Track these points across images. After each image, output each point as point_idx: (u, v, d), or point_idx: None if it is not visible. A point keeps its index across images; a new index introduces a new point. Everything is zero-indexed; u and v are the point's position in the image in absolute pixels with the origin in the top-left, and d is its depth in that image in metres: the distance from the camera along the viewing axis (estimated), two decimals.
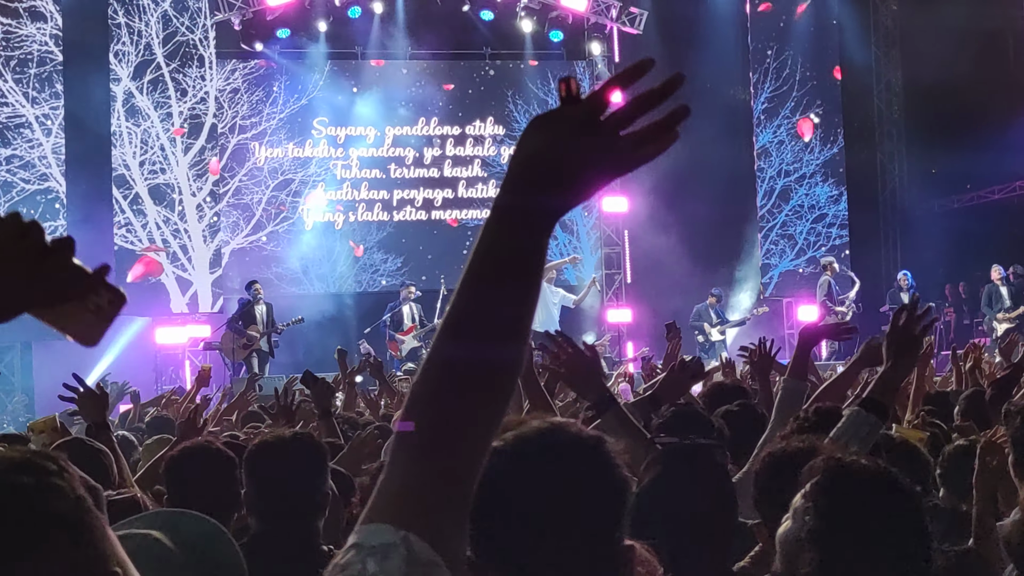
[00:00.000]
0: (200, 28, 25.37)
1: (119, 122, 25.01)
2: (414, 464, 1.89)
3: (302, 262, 27.17)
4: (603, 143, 2.00)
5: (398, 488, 1.88)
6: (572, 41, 28.64)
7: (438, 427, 1.90)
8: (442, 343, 1.94)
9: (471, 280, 2.01)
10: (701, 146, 26.85)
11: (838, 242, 28.37)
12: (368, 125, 27.61)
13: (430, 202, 27.92)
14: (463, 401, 1.91)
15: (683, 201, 27.19)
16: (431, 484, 1.88)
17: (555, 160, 2.08)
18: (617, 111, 1.98)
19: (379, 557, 1.80)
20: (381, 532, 1.84)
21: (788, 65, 28.48)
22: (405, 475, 1.89)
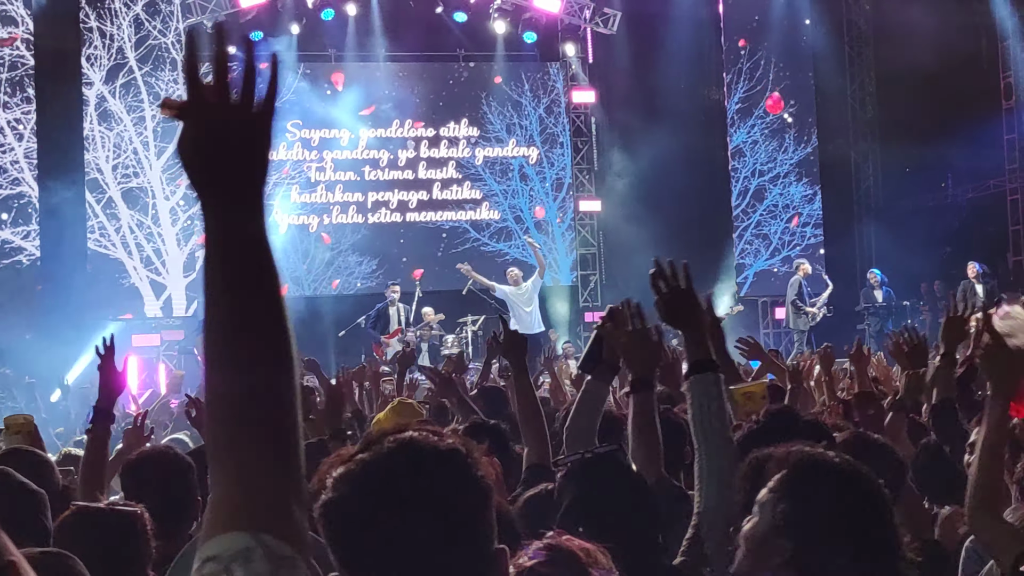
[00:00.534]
0: (172, 31, 25.30)
1: (92, 126, 24.92)
2: (240, 473, 1.92)
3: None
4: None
5: (234, 497, 1.91)
6: (546, 42, 28.62)
7: (244, 438, 1.94)
8: (215, 372, 1.99)
9: (212, 289, 2.06)
10: (675, 146, 26.93)
11: (812, 241, 28.42)
12: (342, 127, 27.56)
13: (405, 204, 27.88)
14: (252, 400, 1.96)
15: (658, 201, 27.20)
16: (264, 486, 1.91)
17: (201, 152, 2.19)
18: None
19: (242, 561, 1.83)
20: (235, 539, 1.86)
21: (761, 65, 28.51)
22: (236, 484, 1.92)
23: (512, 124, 28.55)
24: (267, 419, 1.95)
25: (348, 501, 2.22)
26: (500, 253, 28.05)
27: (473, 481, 2.30)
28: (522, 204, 28.51)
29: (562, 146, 28.83)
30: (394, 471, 2.26)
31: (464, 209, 28.18)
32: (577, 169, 28.83)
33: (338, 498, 2.22)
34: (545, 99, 28.75)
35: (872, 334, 25.10)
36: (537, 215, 28.30)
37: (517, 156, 28.57)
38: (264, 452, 1.93)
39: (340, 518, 2.23)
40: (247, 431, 1.94)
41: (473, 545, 2.28)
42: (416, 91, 28.25)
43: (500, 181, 28.46)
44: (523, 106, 28.64)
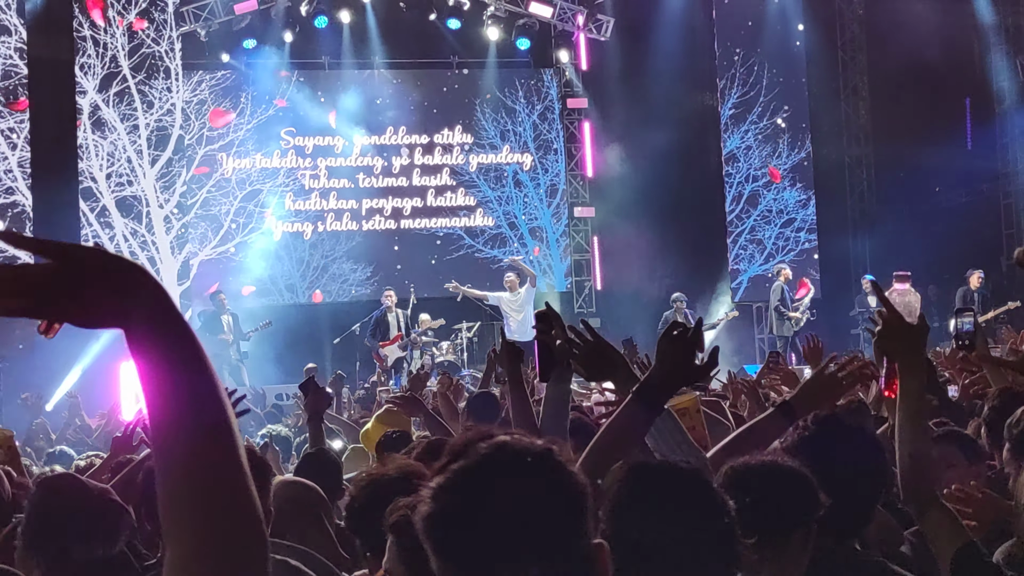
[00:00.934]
0: (166, 40, 25.31)
1: (85, 135, 24.92)
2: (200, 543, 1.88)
3: (271, 273, 27.12)
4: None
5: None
6: (539, 48, 28.63)
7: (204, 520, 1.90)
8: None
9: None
10: (669, 151, 26.95)
11: (807, 246, 28.46)
12: (336, 135, 27.58)
13: (399, 211, 27.89)
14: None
15: (652, 207, 27.22)
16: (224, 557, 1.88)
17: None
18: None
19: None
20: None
21: (755, 70, 28.54)
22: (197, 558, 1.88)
23: (506, 131, 28.57)
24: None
25: (452, 510, 2.25)
26: (494, 260, 28.06)
27: (569, 479, 2.33)
28: (516, 210, 28.53)
29: (556, 152, 28.85)
30: (494, 475, 2.29)
31: (458, 216, 28.19)
32: (571, 175, 28.85)
33: (441, 509, 2.25)
34: (539, 105, 28.77)
35: (867, 339, 25.11)
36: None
37: (511, 163, 28.59)
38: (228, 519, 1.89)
39: (445, 528, 2.26)
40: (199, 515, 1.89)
41: (575, 541, 2.31)
42: (410, 98, 28.27)
43: (494, 188, 28.48)
44: (517, 112, 28.66)
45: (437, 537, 2.27)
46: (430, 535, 2.28)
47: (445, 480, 2.29)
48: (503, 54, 28.39)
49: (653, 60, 27.93)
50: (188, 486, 1.89)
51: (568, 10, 28.14)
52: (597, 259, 28.74)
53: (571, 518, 2.33)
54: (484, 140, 28.47)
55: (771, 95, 28.60)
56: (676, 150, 27.42)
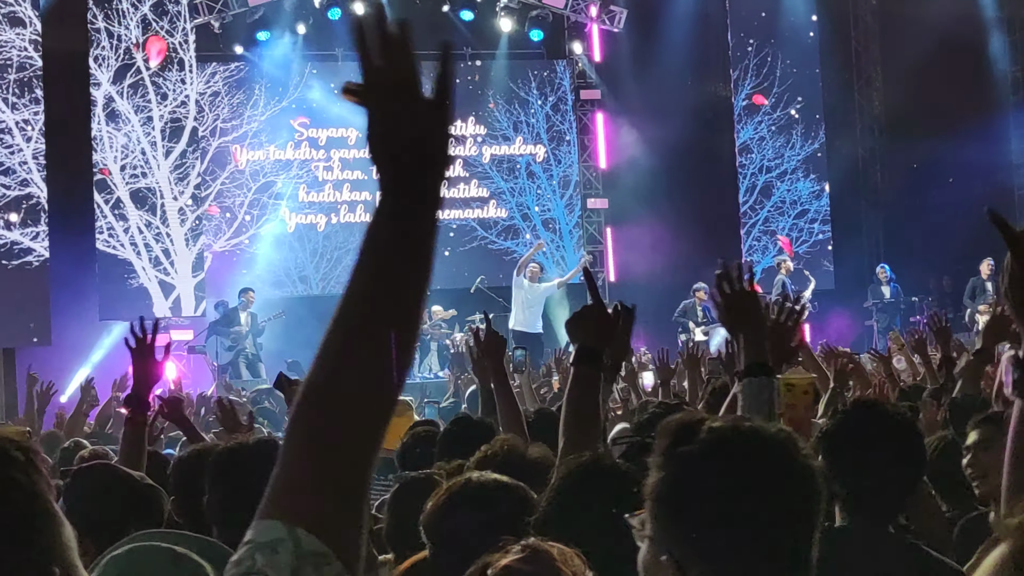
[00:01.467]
0: (180, 32, 25.32)
1: (100, 127, 24.96)
2: (302, 459, 1.94)
3: (284, 264, 27.15)
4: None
5: (287, 483, 1.93)
6: (552, 39, 28.63)
7: (325, 422, 1.95)
8: (335, 335, 2.07)
9: (362, 271, 2.11)
10: (682, 143, 26.96)
11: (820, 237, 28.42)
12: (349, 126, 27.56)
13: None
14: (350, 397, 1.96)
15: (665, 198, 27.24)
16: (319, 478, 1.92)
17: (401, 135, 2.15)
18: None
19: (268, 552, 1.85)
20: (271, 528, 1.88)
21: (768, 61, 28.49)
22: (294, 469, 1.93)
23: (519, 122, 28.58)
24: (358, 417, 1.96)
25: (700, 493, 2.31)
26: (507, 251, 28.08)
27: (803, 465, 2.38)
28: (529, 202, 28.54)
29: (569, 143, 28.84)
30: (743, 461, 2.34)
31: (471, 207, 28.19)
32: (584, 166, 28.84)
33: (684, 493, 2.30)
34: (552, 97, 28.77)
35: (880, 330, 25.14)
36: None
37: (524, 154, 28.60)
38: (334, 446, 1.93)
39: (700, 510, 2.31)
40: (334, 420, 1.95)
41: (806, 523, 2.37)
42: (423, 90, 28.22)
43: (507, 179, 28.49)
44: (530, 104, 28.66)
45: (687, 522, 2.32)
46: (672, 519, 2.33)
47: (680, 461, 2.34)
48: (516, 45, 28.38)
49: (666, 51, 27.92)
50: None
51: (581, 1, 28.12)
52: (610, 250, 28.73)
53: (806, 501, 2.38)
54: (497, 131, 28.48)
55: (785, 86, 28.54)
56: (689, 141, 27.42)
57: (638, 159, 28.42)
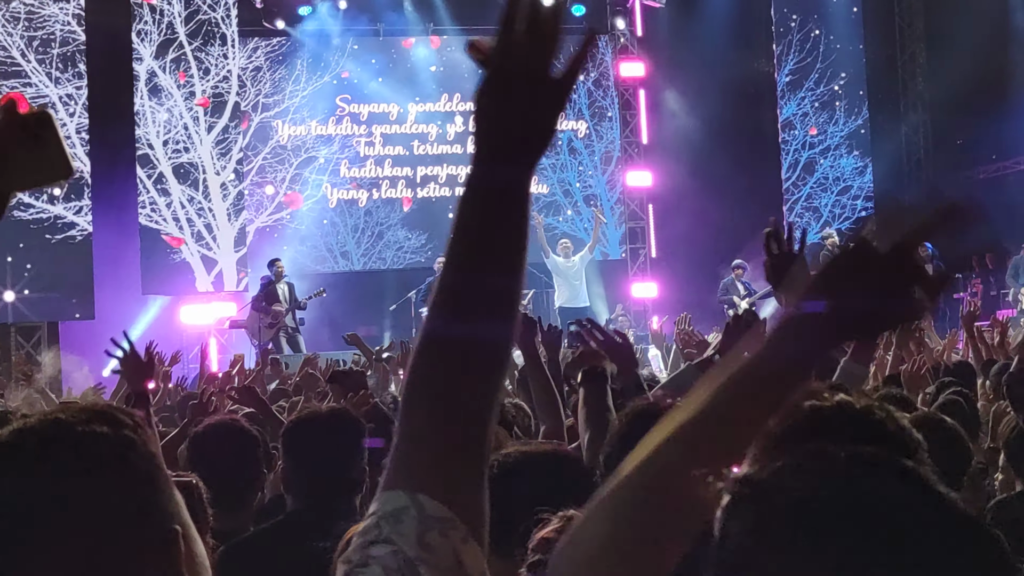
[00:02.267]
0: (222, 6, 25.35)
1: (142, 101, 25.02)
2: (420, 429, 1.95)
3: (326, 240, 27.21)
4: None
5: (407, 454, 1.95)
6: (595, 15, 28.51)
7: (439, 396, 1.96)
8: (438, 316, 2.02)
9: (460, 251, 2.07)
10: (725, 119, 26.87)
11: (863, 214, 28.29)
12: (391, 102, 27.60)
13: (454, 178, 27.90)
14: (461, 371, 1.97)
15: (707, 174, 27.16)
16: (438, 447, 1.93)
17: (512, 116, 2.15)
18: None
19: (392, 521, 1.87)
20: (395, 498, 1.90)
21: (812, 37, 28.34)
22: (412, 440, 1.96)
23: None
24: (477, 371, 1.98)
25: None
26: (549, 227, 28.04)
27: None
28: (570, 178, 28.51)
29: (611, 119, 28.79)
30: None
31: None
32: (626, 142, 28.79)
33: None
34: (594, 72, 28.69)
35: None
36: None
37: (565, 130, 28.55)
38: (454, 408, 1.95)
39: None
40: (451, 381, 1.97)
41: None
42: (464, 65, 28.24)
43: (548, 155, 28.33)
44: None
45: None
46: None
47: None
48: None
49: (709, 26, 27.81)
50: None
51: None
52: (652, 227, 28.68)
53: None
54: None
55: (828, 61, 28.39)
56: (732, 117, 27.35)
57: (680, 135, 28.35)
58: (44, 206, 23.25)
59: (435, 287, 2.05)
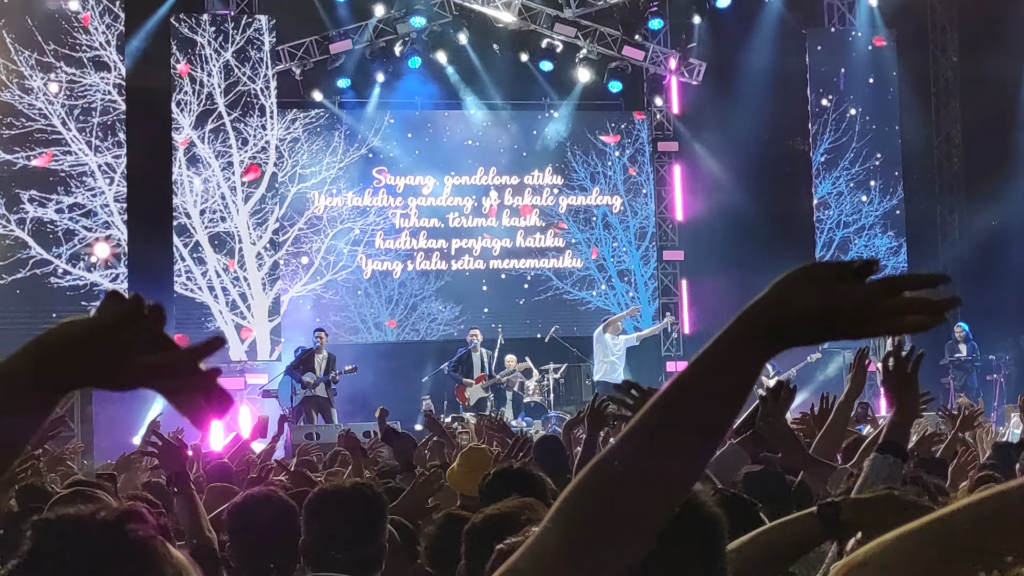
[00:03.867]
0: (261, 78, 25.55)
1: (180, 171, 25.19)
2: (570, 543, 1.94)
3: (360, 311, 27.29)
4: (861, 298, 1.92)
5: (545, 559, 1.94)
6: (631, 91, 28.67)
7: (602, 519, 1.94)
8: (630, 448, 1.97)
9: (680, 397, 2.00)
10: (760, 197, 26.97)
11: None
12: (427, 174, 27.74)
13: (488, 251, 27.98)
14: (633, 505, 1.95)
15: (742, 252, 27.17)
16: (579, 565, 1.92)
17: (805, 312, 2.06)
18: (889, 278, 1.90)
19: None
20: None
21: (847, 117, 28.36)
22: (556, 548, 1.94)
23: (596, 173, 28.63)
24: (644, 510, 1.96)
25: None
26: (582, 301, 28.12)
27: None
28: (605, 252, 28.56)
29: (646, 195, 28.86)
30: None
31: (547, 257, 28.25)
32: (660, 218, 28.84)
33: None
34: (629, 148, 28.80)
35: (957, 388, 24.95)
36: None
37: (600, 205, 28.64)
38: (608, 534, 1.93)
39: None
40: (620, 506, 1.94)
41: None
42: (501, 139, 28.39)
43: (583, 229, 28.53)
44: (607, 155, 28.70)
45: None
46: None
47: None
48: (595, 96, 28.44)
49: (745, 104, 27.90)
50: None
51: (660, 54, 28.20)
52: (685, 303, 28.69)
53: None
54: (574, 182, 28.54)
55: (863, 141, 28.39)
56: (767, 194, 27.42)
57: (715, 212, 28.41)
58: (81, 273, 23.40)
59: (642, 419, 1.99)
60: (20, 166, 23.34)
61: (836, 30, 28.75)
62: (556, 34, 27.23)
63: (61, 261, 23.39)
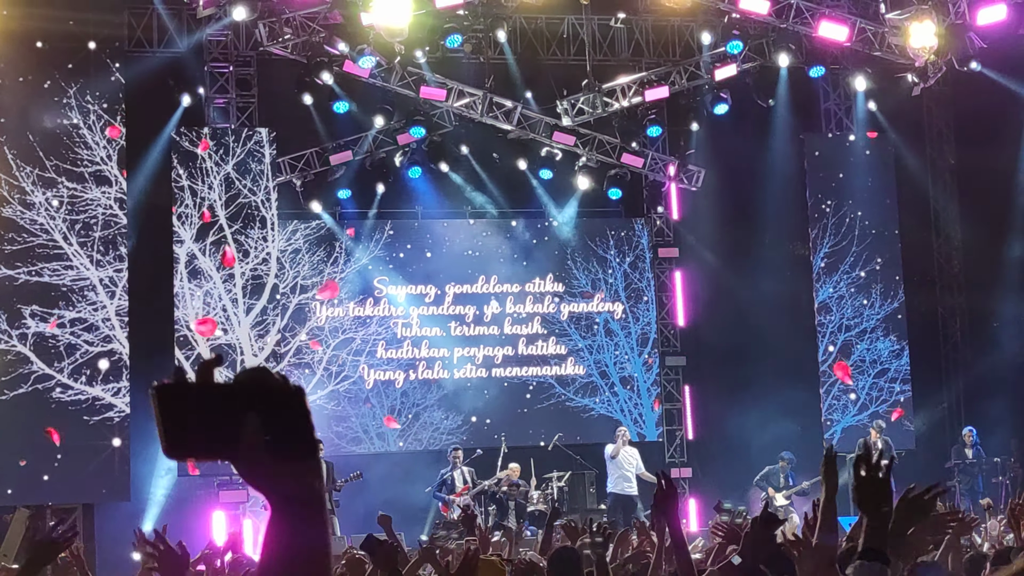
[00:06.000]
0: (262, 190, 25.66)
1: (181, 283, 25.22)
2: None
3: (362, 420, 27.23)
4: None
5: None
6: (630, 198, 28.77)
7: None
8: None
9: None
10: (761, 301, 26.98)
11: (901, 397, 28.14)
12: (428, 283, 27.79)
13: (490, 359, 27.96)
14: None
15: (744, 357, 27.22)
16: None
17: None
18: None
19: None
20: None
21: (847, 221, 28.42)
22: None
23: (597, 279, 28.66)
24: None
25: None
26: (585, 408, 28.06)
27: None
28: (607, 359, 28.54)
29: (647, 301, 28.88)
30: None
31: (549, 364, 28.23)
32: (662, 324, 28.84)
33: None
34: (630, 254, 28.85)
35: (963, 491, 24.84)
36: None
37: (602, 311, 28.65)
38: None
39: None
40: None
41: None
42: (501, 248, 28.45)
43: (585, 336, 28.53)
44: (608, 261, 28.75)
45: None
46: None
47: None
48: (594, 203, 28.57)
49: (745, 209, 28.06)
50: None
51: (659, 161, 28.35)
52: (688, 409, 28.61)
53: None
54: (575, 288, 28.57)
55: (863, 245, 28.43)
56: (768, 299, 27.45)
57: (716, 317, 28.43)
58: (83, 387, 23.37)
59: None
60: (22, 281, 23.38)
61: (833, 135, 28.90)
62: (555, 143, 27.39)
63: (63, 376, 23.36)
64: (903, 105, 28.23)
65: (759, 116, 27.86)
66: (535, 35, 27.39)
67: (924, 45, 25.36)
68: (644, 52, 28.01)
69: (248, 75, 26.07)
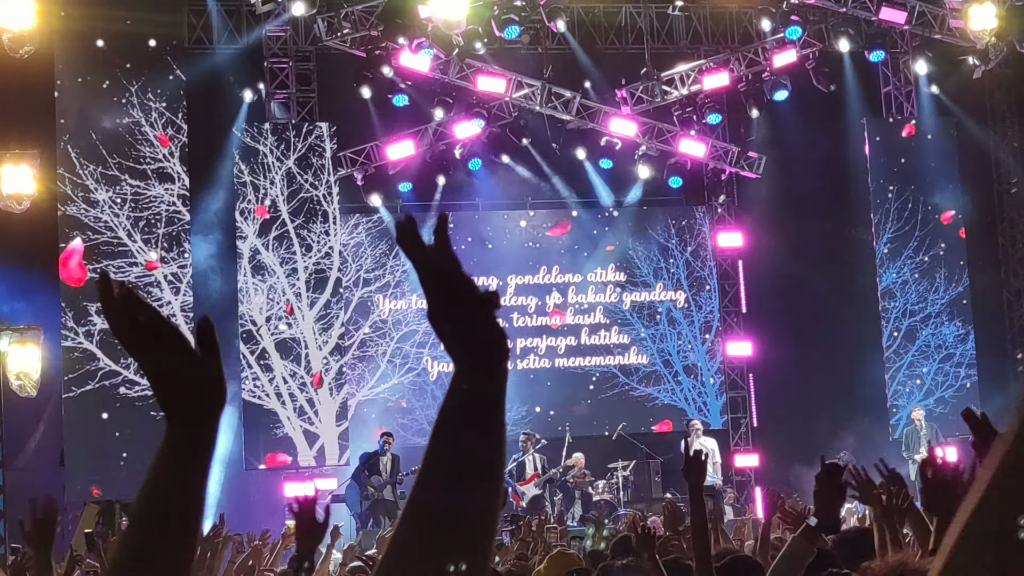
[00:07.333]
0: (324, 184, 25.76)
1: (245, 278, 25.37)
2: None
3: (427, 413, 27.27)
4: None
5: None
6: (691, 186, 28.66)
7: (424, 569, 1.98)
8: (423, 490, 2.08)
9: (445, 428, 2.19)
10: (825, 288, 26.86)
11: (967, 383, 27.96)
12: (490, 275, 27.77)
13: (553, 350, 27.96)
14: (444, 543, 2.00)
15: (807, 343, 27.10)
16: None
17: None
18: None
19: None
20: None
21: (909, 206, 28.26)
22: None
23: (659, 268, 28.59)
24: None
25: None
26: (649, 398, 28.01)
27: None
28: (670, 348, 28.47)
29: (709, 290, 28.78)
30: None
31: (612, 354, 28.19)
32: (725, 312, 28.75)
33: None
34: (692, 243, 28.76)
35: None
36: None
37: (664, 300, 28.59)
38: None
39: None
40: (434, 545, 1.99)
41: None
42: (562, 238, 28.44)
43: (648, 325, 28.46)
44: (670, 250, 28.67)
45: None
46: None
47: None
48: (655, 192, 28.52)
49: (806, 196, 27.92)
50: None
51: (720, 148, 28.24)
52: (753, 396, 28.52)
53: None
54: (637, 278, 28.50)
55: (926, 230, 28.26)
56: (831, 285, 27.33)
57: (779, 304, 28.31)
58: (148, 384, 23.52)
59: (425, 459, 2.15)
60: (87, 279, 23.57)
61: (895, 119, 28.73)
62: (614, 132, 27.36)
63: (129, 372, 23.54)
64: (965, 88, 28.06)
65: (819, 101, 27.75)
66: (593, 24, 27.38)
67: (985, 27, 25.23)
68: (703, 39, 27.97)
69: (308, 70, 26.21)
